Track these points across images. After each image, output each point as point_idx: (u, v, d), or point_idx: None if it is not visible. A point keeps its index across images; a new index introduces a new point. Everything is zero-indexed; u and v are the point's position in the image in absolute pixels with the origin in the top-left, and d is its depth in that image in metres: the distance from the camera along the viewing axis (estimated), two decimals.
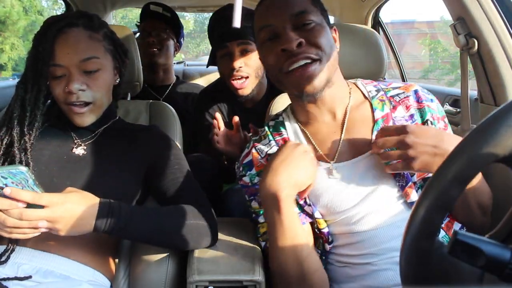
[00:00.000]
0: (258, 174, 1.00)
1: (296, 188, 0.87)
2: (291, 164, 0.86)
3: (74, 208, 0.83)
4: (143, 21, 2.03)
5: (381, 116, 0.97)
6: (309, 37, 0.90)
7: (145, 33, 1.99)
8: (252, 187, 1.01)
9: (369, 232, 0.91)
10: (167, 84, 2.06)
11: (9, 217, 0.79)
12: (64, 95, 1.01)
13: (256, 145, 1.04)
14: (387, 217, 0.91)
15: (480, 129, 0.52)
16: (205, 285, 0.90)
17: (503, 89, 1.12)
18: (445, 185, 0.52)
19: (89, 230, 0.86)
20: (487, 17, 1.10)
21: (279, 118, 1.07)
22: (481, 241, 0.48)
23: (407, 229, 0.54)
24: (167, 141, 1.12)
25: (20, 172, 0.78)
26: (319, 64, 0.91)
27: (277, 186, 0.85)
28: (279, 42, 0.91)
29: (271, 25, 0.93)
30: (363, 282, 0.92)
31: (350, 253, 0.94)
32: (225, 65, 1.50)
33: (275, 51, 0.92)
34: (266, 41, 0.95)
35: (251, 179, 1.02)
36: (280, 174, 0.85)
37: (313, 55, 0.90)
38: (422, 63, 13.86)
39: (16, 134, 0.99)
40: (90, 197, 0.88)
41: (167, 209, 0.98)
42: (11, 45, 11.49)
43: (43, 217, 0.80)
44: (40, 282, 0.91)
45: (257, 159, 1.02)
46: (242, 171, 1.04)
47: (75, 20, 1.02)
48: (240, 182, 1.05)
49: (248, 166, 1.03)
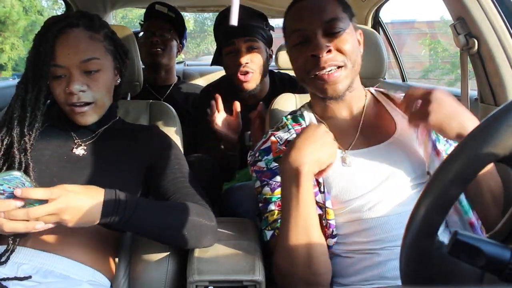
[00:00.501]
0: (275, 159, 1.02)
1: (318, 165, 0.89)
2: (314, 142, 0.89)
3: (80, 197, 0.83)
4: (147, 20, 2.01)
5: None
6: (338, 44, 0.96)
7: (148, 32, 1.96)
8: (268, 172, 1.02)
9: (380, 218, 0.94)
10: (168, 84, 2.05)
11: (8, 220, 0.79)
12: (65, 96, 1.01)
13: (275, 134, 1.07)
14: (398, 205, 0.95)
15: (480, 129, 0.52)
16: (205, 285, 0.90)
17: (503, 89, 1.12)
18: (446, 185, 0.52)
19: (96, 220, 0.86)
20: (487, 17, 1.10)
21: (297, 112, 1.11)
22: (481, 241, 0.48)
23: (407, 228, 0.54)
24: (167, 141, 1.12)
25: (14, 177, 0.77)
26: (343, 70, 0.97)
27: (300, 161, 0.87)
28: (309, 47, 0.97)
29: (303, 30, 0.97)
30: (368, 273, 0.93)
31: (358, 240, 0.96)
32: (232, 61, 1.55)
33: (305, 55, 0.98)
34: (297, 44, 1.00)
35: (267, 164, 1.03)
36: (304, 150, 0.88)
37: (339, 63, 0.96)
38: (422, 63, 13.87)
39: (16, 134, 0.99)
40: (94, 187, 0.88)
41: (171, 204, 0.99)
42: (11, 45, 11.50)
43: (50, 211, 0.80)
44: (40, 282, 0.91)
45: (275, 144, 1.04)
46: (258, 156, 1.05)
47: (76, 20, 1.02)
48: (254, 169, 1.06)
49: (265, 151, 1.05)
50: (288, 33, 1.03)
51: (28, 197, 0.78)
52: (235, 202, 1.40)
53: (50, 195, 0.80)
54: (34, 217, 0.79)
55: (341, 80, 0.97)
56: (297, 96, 1.38)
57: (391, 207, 0.95)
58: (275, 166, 1.01)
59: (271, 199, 1.01)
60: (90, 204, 0.85)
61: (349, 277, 0.96)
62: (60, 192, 0.81)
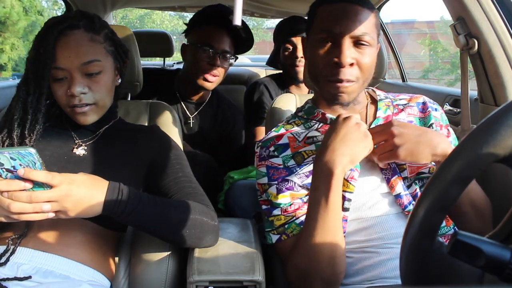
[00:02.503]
0: (293, 155, 1.01)
1: (352, 163, 0.90)
2: (346, 141, 0.89)
3: (83, 187, 0.84)
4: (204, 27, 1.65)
5: (383, 116, 1.04)
6: (360, 59, 0.97)
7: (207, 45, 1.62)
8: (284, 170, 1.01)
9: (379, 217, 0.95)
10: (201, 102, 1.78)
11: (15, 201, 0.79)
12: (66, 98, 1.01)
13: (290, 130, 1.06)
14: (398, 203, 0.96)
15: (480, 129, 0.52)
16: (205, 285, 0.90)
17: (503, 89, 1.12)
18: (445, 185, 0.52)
19: (98, 212, 0.86)
20: (487, 17, 1.10)
21: (305, 106, 1.12)
22: (481, 241, 0.48)
23: (407, 228, 0.54)
24: (167, 141, 1.12)
25: (29, 153, 0.78)
26: (355, 84, 0.98)
27: (334, 162, 0.87)
28: (334, 50, 0.96)
29: (335, 33, 0.96)
30: (369, 274, 0.94)
31: (357, 238, 0.96)
32: (289, 56, 1.90)
33: (328, 58, 0.97)
34: (323, 41, 0.98)
35: (285, 161, 1.01)
36: (337, 150, 0.88)
37: (353, 78, 0.97)
38: (422, 63, 13.86)
39: (16, 136, 0.99)
40: (99, 178, 0.88)
41: (173, 202, 0.99)
42: (11, 46, 11.50)
43: (53, 197, 0.80)
44: (40, 282, 0.91)
45: (294, 142, 1.03)
46: (274, 151, 1.03)
47: (76, 21, 1.01)
48: (265, 163, 1.03)
49: (283, 147, 1.03)
50: (317, 30, 1.00)
51: (29, 178, 0.79)
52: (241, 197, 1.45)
53: (51, 180, 0.80)
54: (36, 201, 0.80)
55: (351, 92, 0.98)
56: (297, 96, 1.39)
57: (390, 207, 0.96)
58: (292, 165, 1.00)
59: (276, 204, 1.00)
60: (93, 194, 0.85)
61: (349, 277, 0.96)
62: (62, 179, 0.82)
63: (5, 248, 0.93)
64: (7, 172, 0.80)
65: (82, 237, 0.98)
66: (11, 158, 0.78)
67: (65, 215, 0.84)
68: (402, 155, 0.89)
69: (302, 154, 1.01)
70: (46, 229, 0.96)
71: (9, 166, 0.79)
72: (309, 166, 0.99)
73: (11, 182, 0.80)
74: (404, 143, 0.89)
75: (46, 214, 0.82)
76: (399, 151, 0.89)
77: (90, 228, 0.99)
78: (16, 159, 0.79)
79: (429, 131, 0.92)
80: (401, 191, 0.96)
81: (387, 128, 0.91)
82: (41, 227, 0.95)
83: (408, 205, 0.96)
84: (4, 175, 0.81)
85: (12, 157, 0.78)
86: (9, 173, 0.80)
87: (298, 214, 0.98)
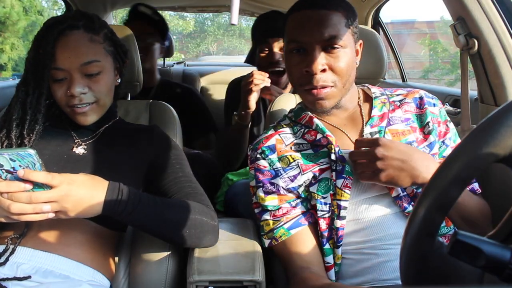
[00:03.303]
0: (279, 158, 1.01)
1: None
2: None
3: (83, 187, 0.84)
4: (129, 23, 1.95)
5: (378, 114, 1.02)
6: (333, 64, 0.96)
7: None
8: (268, 172, 1.01)
9: (377, 218, 0.95)
10: (150, 87, 1.98)
11: (15, 202, 0.79)
12: (66, 99, 1.01)
13: (279, 132, 1.05)
14: (394, 206, 0.96)
15: (480, 129, 0.52)
16: (205, 285, 0.90)
17: (503, 89, 1.12)
18: (445, 186, 0.52)
19: (98, 212, 0.86)
20: (487, 17, 1.10)
21: (295, 108, 1.11)
22: (481, 241, 0.48)
23: (407, 229, 0.54)
24: (167, 141, 1.12)
25: (28, 154, 0.78)
26: (333, 88, 0.97)
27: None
28: (305, 59, 0.96)
29: (302, 42, 0.96)
30: (368, 276, 0.94)
31: (355, 240, 0.96)
32: (265, 59, 1.69)
33: (299, 67, 0.97)
34: (293, 52, 0.98)
35: (270, 164, 1.01)
36: None
37: (329, 83, 0.96)
38: (422, 63, 13.86)
39: (14, 136, 0.99)
40: (99, 178, 0.88)
41: (174, 201, 0.99)
42: (11, 45, 11.50)
43: (52, 197, 0.80)
44: (40, 282, 0.91)
45: (281, 144, 1.03)
46: (261, 154, 1.03)
47: (76, 22, 1.01)
48: (253, 166, 1.03)
49: (269, 149, 1.03)
50: (286, 40, 1.01)
51: (29, 179, 0.79)
52: (238, 198, 1.44)
53: (50, 180, 0.80)
54: (36, 201, 0.79)
55: (329, 98, 0.98)
56: (297, 96, 1.38)
57: (386, 209, 0.96)
58: (278, 168, 1.00)
59: (265, 206, 1.00)
60: (93, 194, 0.85)
61: (348, 279, 0.96)
62: (62, 180, 0.81)
63: (5, 248, 0.93)
64: (6, 173, 0.80)
65: (82, 237, 0.98)
66: (10, 159, 0.78)
67: (65, 215, 0.84)
68: (382, 180, 0.89)
69: (287, 158, 1.00)
70: (46, 229, 0.96)
71: (9, 167, 0.79)
72: (294, 170, 0.99)
73: (11, 183, 0.80)
74: (386, 169, 0.88)
75: (46, 214, 0.82)
76: (380, 175, 0.88)
77: (90, 228, 0.99)
78: (16, 160, 0.79)
79: (416, 156, 0.89)
80: (400, 192, 0.96)
81: (373, 146, 0.90)
82: (41, 226, 0.95)
83: (408, 206, 0.95)
84: (4, 176, 0.81)
85: (11, 158, 0.78)
86: (9, 174, 0.80)
87: (286, 219, 0.98)
